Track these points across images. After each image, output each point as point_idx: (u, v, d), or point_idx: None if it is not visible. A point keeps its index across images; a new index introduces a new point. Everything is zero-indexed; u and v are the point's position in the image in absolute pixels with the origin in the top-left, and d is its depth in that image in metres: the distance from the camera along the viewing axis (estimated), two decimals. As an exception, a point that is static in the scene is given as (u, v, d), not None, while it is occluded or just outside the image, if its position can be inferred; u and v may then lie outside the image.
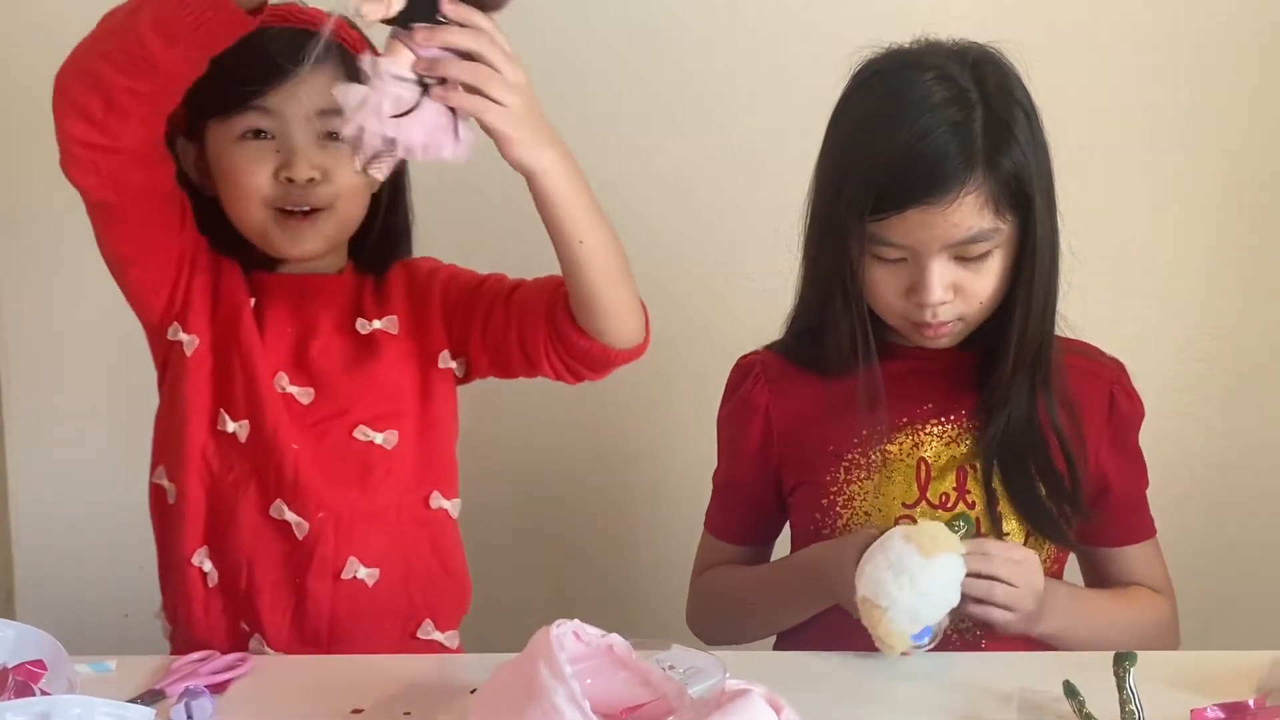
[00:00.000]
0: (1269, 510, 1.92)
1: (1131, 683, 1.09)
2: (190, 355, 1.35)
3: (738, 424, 1.44)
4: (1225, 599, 1.91)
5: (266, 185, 1.30)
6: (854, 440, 1.37)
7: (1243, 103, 1.84)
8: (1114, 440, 1.39)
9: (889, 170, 1.27)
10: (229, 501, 1.34)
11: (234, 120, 1.30)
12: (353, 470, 1.35)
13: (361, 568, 1.35)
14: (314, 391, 1.36)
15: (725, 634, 1.44)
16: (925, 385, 1.38)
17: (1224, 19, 1.82)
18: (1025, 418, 1.34)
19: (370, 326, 1.38)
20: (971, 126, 1.26)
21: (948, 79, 1.28)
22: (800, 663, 1.26)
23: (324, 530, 1.34)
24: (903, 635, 1.18)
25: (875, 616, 1.18)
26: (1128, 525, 1.41)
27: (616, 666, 1.02)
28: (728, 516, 1.48)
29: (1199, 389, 1.89)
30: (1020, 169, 1.28)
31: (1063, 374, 1.37)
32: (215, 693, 1.16)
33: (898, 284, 1.31)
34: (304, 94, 1.28)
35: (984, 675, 1.19)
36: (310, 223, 1.32)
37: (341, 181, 1.31)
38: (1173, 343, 1.88)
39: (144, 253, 1.33)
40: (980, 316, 1.33)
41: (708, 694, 1.02)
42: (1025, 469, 1.34)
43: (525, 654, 0.99)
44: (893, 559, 1.18)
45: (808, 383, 1.39)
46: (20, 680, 1.01)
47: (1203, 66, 1.83)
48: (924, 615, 1.18)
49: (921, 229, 1.27)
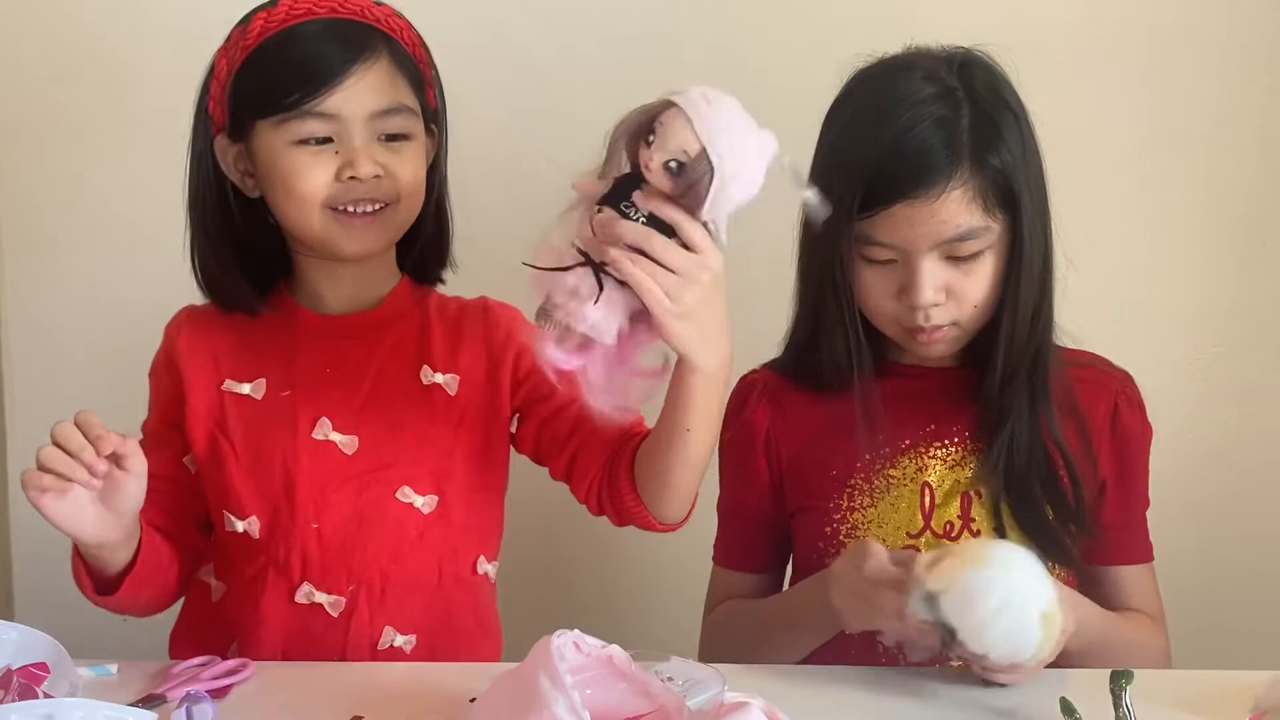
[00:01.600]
0: (1266, 530, 1.92)
1: (1128, 700, 1.09)
2: (195, 471, 1.35)
3: (742, 449, 1.42)
4: (1222, 617, 1.91)
5: (326, 188, 1.26)
6: (856, 464, 1.36)
7: (1243, 114, 1.85)
8: (1115, 453, 1.37)
9: (875, 166, 1.26)
10: (253, 596, 1.31)
11: (288, 126, 1.25)
12: (386, 536, 1.31)
13: (399, 636, 1.32)
14: (358, 441, 1.31)
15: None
16: (927, 406, 1.37)
17: (1225, 31, 1.83)
18: (1027, 435, 1.33)
19: (433, 378, 1.32)
20: (958, 122, 1.26)
21: (935, 79, 1.29)
22: (798, 676, 1.26)
23: (357, 603, 1.30)
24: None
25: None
26: (1123, 544, 1.39)
27: (616, 677, 1.02)
28: (739, 545, 1.45)
29: (1197, 406, 1.89)
30: (1008, 168, 1.27)
31: (1068, 387, 1.35)
32: (216, 698, 1.16)
33: (889, 286, 1.30)
34: (361, 94, 1.25)
35: (981, 691, 1.19)
36: (373, 221, 1.28)
37: (403, 177, 1.28)
38: (1170, 360, 1.88)
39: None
40: (974, 322, 1.31)
41: (707, 706, 1.03)
42: (1031, 491, 1.33)
43: (525, 664, 1.00)
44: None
45: (808, 402, 1.39)
46: (23, 682, 1.02)
47: (1203, 79, 1.84)
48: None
49: (909, 226, 1.26)
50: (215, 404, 1.33)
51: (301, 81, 1.24)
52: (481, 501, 1.36)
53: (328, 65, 1.24)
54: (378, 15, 1.29)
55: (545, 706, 0.94)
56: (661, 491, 1.24)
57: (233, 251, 1.33)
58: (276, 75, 1.25)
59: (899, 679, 1.24)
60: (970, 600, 1.11)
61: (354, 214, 1.27)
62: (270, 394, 1.33)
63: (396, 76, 1.28)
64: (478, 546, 1.36)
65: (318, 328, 1.34)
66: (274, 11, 1.27)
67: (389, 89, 1.27)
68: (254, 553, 1.32)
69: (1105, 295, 1.84)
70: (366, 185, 1.26)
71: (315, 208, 1.27)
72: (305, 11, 1.26)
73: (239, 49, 1.27)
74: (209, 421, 1.33)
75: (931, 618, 1.12)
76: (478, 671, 1.23)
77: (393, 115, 1.27)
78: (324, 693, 1.21)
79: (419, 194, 1.31)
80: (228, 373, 1.34)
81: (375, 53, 1.26)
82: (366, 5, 1.29)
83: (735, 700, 1.00)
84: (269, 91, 1.25)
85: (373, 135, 1.27)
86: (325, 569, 1.30)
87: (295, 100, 1.24)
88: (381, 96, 1.26)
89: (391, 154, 1.27)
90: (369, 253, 1.31)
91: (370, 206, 1.27)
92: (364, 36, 1.27)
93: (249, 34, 1.27)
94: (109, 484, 1.16)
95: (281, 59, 1.25)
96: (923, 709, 1.18)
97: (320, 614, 1.30)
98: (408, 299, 1.37)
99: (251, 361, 1.34)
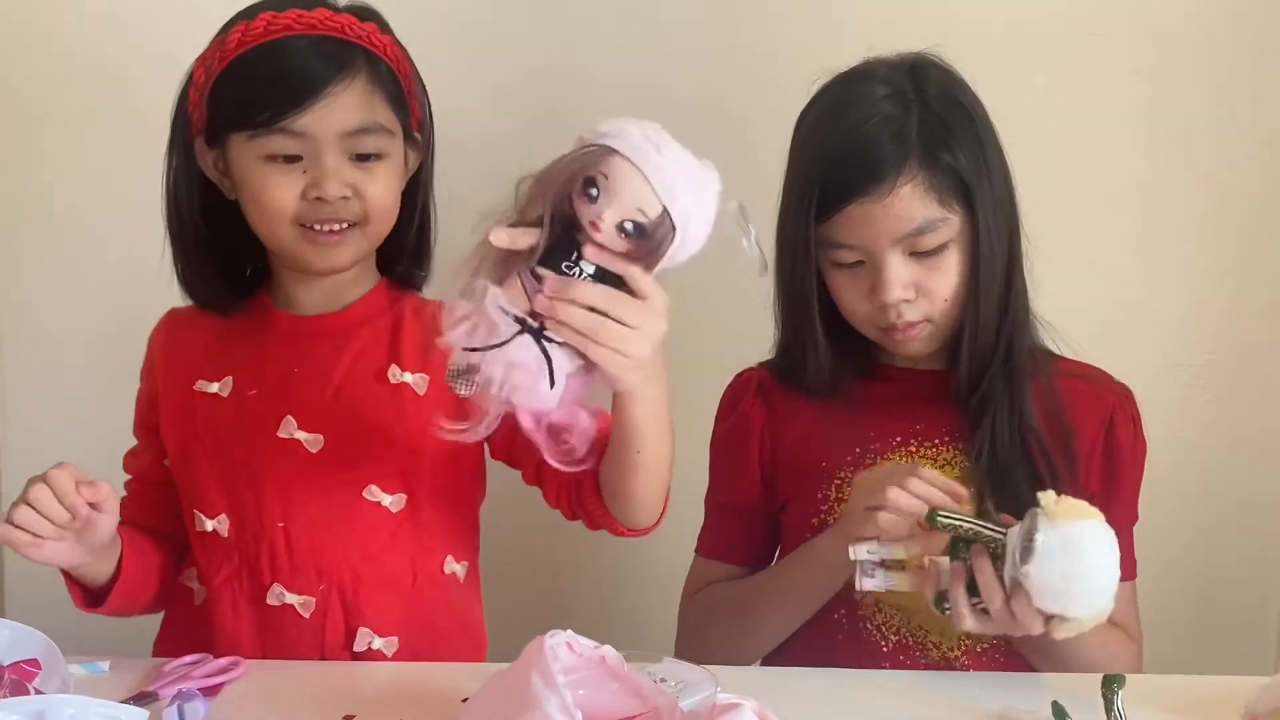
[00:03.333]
0: (1258, 535, 1.93)
1: (1120, 705, 1.09)
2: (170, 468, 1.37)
3: (736, 444, 1.44)
4: (1213, 622, 1.92)
5: (294, 204, 1.26)
6: (846, 458, 1.38)
7: (1242, 118, 1.85)
8: (1106, 467, 1.38)
9: (828, 168, 1.29)
10: (228, 598, 1.32)
11: (259, 141, 1.25)
12: (355, 535, 1.30)
13: (377, 638, 1.31)
14: (324, 439, 1.31)
15: (721, 649, 1.41)
16: (915, 406, 1.38)
17: (1224, 32, 1.83)
18: (1007, 429, 1.34)
19: (401, 377, 1.31)
20: (906, 120, 1.28)
21: (887, 83, 1.31)
22: (790, 678, 1.27)
23: (329, 604, 1.30)
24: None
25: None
26: None
27: (609, 678, 1.03)
28: (726, 537, 1.46)
29: (1189, 413, 1.90)
30: (961, 163, 1.28)
31: (1054, 392, 1.36)
32: (208, 696, 1.17)
33: (859, 287, 1.32)
34: (334, 113, 1.24)
35: (972, 695, 1.19)
36: (341, 239, 1.28)
37: (371, 198, 1.27)
38: (1165, 364, 1.88)
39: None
40: (947, 317, 1.33)
41: (699, 707, 1.03)
42: (1015, 485, 1.33)
43: (518, 663, 1.00)
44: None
45: (800, 399, 1.40)
46: (15, 679, 1.02)
47: (1201, 81, 1.84)
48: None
49: (865, 224, 1.28)
50: (187, 404, 1.34)
51: (273, 99, 1.23)
52: (452, 502, 1.36)
53: (300, 84, 1.23)
54: (360, 33, 1.27)
55: (538, 706, 0.94)
56: (626, 502, 1.22)
57: (207, 253, 1.34)
58: (250, 90, 1.25)
59: (891, 681, 1.24)
60: (1082, 546, 1.12)
61: (321, 231, 1.27)
62: (237, 392, 1.33)
63: (373, 96, 1.27)
64: (447, 547, 1.36)
65: (288, 328, 1.35)
66: (252, 25, 1.25)
67: (363, 109, 1.26)
68: (226, 553, 1.32)
69: (1100, 299, 1.84)
70: (334, 205, 1.26)
71: (284, 223, 1.27)
72: (284, 27, 1.24)
73: (216, 59, 1.26)
74: (181, 421, 1.34)
75: (1020, 545, 1.13)
76: (470, 672, 1.23)
77: (365, 135, 1.26)
78: (316, 692, 1.21)
79: (390, 212, 1.30)
80: (199, 372, 1.35)
81: (352, 72, 1.25)
82: (349, 22, 1.26)
83: (727, 701, 1.01)
84: (242, 106, 1.25)
85: (344, 154, 1.26)
86: (294, 569, 1.30)
87: (266, 118, 1.23)
88: (354, 116, 1.25)
89: (362, 173, 1.27)
90: (337, 269, 1.31)
91: (338, 225, 1.27)
92: (343, 55, 1.25)
93: (227, 45, 1.26)
94: (84, 525, 1.19)
95: (255, 74, 1.24)
96: (914, 711, 1.18)
97: (292, 615, 1.30)
98: (383, 301, 1.37)
99: (222, 361, 1.35)
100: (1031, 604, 1.13)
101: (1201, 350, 1.90)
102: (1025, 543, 1.13)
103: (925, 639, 1.36)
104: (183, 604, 1.38)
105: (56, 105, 1.88)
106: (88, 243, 1.91)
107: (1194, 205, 1.87)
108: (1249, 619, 1.93)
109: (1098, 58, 1.83)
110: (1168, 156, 1.86)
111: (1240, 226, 1.88)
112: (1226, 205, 1.87)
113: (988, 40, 1.36)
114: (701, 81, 1.85)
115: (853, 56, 1.37)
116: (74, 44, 1.86)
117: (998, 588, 1.15)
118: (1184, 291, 1.89)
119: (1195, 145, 1.85)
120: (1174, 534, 1.82)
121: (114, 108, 1.85)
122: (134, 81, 1.83)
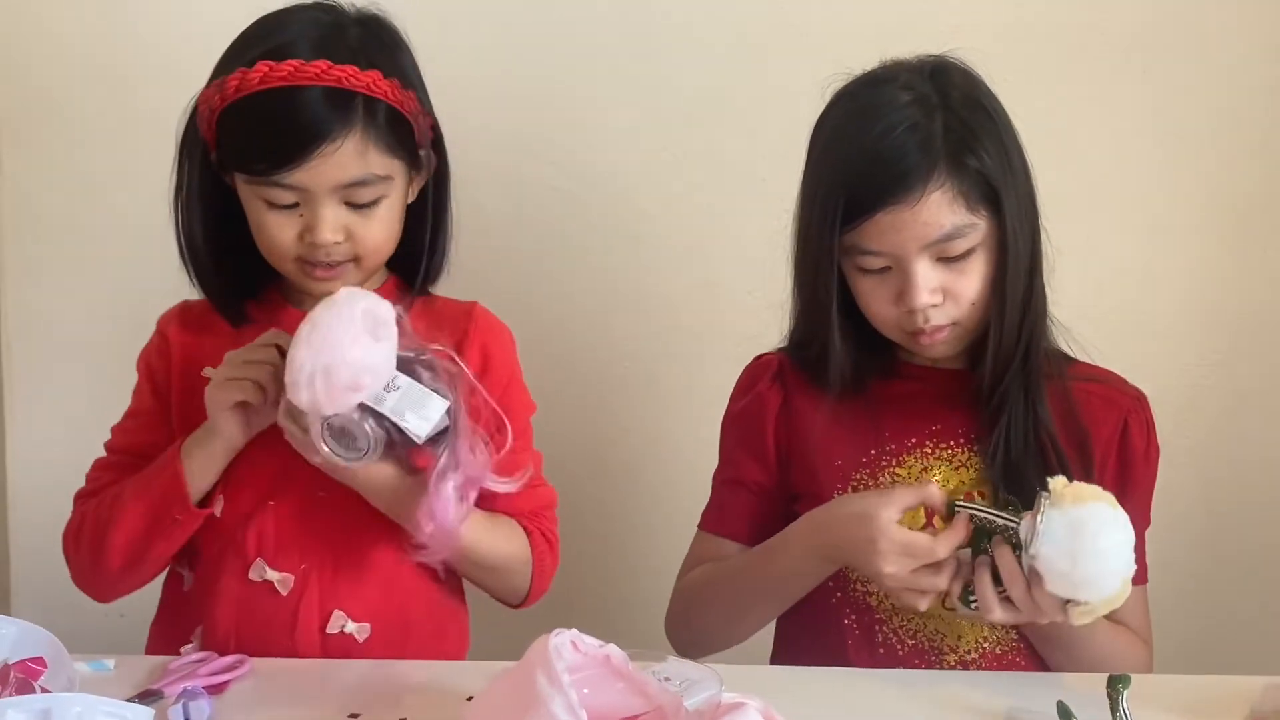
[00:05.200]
0: (1262, 536, 1.92)
1: (1125, 705, 1.09)
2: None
3: (750, 423, 1.43)
4: (1219, 622, 1.92)
5: (293, 245, 1.29)
6: (861, 459, 1.38)
7: (1245, 120, 1.85)
8: (1120, 471, 1.37)
9: (855, 176, 1.28)
10: (213, 575, 1.33)
11: (257, 188, 1.27)
12: (340, 516, 1.31)
13: (350, 622, 1.32)
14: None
15: (709, 628, 1.40)
16: (933, 407, 1.38)
17: (1228, 34, 1.83)
18: (1023, 428, 1.34)
19: None
20: (931, 126, 1.28)
21: (910, 88, 1.31)
22: (795, 677, 1.27)
23: (307, 583, 1.32)
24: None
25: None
26: None
27: (613, 677, 1.02)
28: (731, 512, 1.45)
29: (1195, 412, 1.89)
30: (987, 168, 1.28)
31: (1069, 396, 1.36)
32: (213, 694, 1.17)
33: (886, 293, 1.32)
34: (328, 169, 1.24)
35: (978, 694, 1.19)
36: (337, 274, 1.30)
37: (366, 240, 1.29)
38: (1169, 365, 1.88)
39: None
40: (973, 320, 1.33)
41: (703, 705, 1.03)
42: (1030, 488, 1.30)
43: (523, 662, 1.00)
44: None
45: (817, 392, 1.40)
46: (21, 677, 1.02)
47: (1205, 83, 1.84)
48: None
49: (894, 231, 1.27)
50: (195, 390, 1.34)
51: (268, 153, 1.24)
52: None
53: (294, 141, 1.23)
54: (360, 83, 1.25)
55: (542, 705, 0.94)
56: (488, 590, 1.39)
57: (218, 266, 1.35)
58: (246, 140, 1.25)
59: (897, 680, 1.24)
60: (1089, 528, 1.13)
61: (318, 267, 1.29)
62: None
63: (368, 148, 1.26)
64: None
65: (296, 326, 1.33)
66: (250, 72, 1.23)
67: (357, 162, 1.25)
68: (217, 532, 1.33)
69: (1105, 299, 1.84)
70: (327, 248, 1.28)
71: (286, 260, 1.30)
72: (282, 78, 1.23)
73: (218, 98, 1.26)
74: (193, 412, 1.34)
75: (1030, 529, 1.14)
76: (475, 670, 1.24)
77: (360, 187, 1.27)
78: (321, 690, 1.21)
79: (386, 245, 1.32)
80: (208, 361, 1.34)
81: (348, 126, 1.24)
82: (349, 74, 1.24)
83: (732, 700, 1.00)
84: (239, 153, 1.27)
85: (339, 202, 1.27)
86: (280, 546, 1.32)
87: (261, 169, 1.25)
88: (348, 171, 1.25)
89: (359, 218, 1.28)
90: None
91: (333, 264, 1.29)
92: (340, 107, 1.24)
93: (226, 88, 1.25)
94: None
95: (251, 125, 1.24)
96: (920, 710, 1.18)
97: (270, 592, 1.31)
98: (390, 300, 1.35)
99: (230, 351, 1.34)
100: (1053, 586, 1.14)
101: (1210, 350, 1.90)
102: (1033, 527, 1.14)
103: (941, 643, 1.36)
104: (174, 590, 1.39)
105: (67, 101, 1.88)
106: (95, 241, 1.91)
107: (1202, 204, 1.87)
108: (1254, 619, 1.92)
109: (1105, 58, 1.83)
110: (1175, 156, 1.86)
111: (1248, 225, 1.88)
112: (1234, 204, 1.87)
113: (994, 41, 1.36)
114: (710, 74, 1.85)
115: (860, 52, 1.37)
116: (84, 42, 1.87)
117: (1019, 575, 1.16)
118: (1192, 291, 1.89)
119: (1203, 145, 1.85)
120: (1180, 533, 1.82)
121: (126, 103, 1.86)
122: (147, 78, 1.83)
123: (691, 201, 1.89)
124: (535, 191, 1.88)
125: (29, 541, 1.97)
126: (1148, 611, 1.40)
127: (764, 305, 1.46)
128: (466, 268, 1.43)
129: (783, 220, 1.40)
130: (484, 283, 1.49)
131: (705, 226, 1.89)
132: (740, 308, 1.83)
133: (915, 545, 1.21)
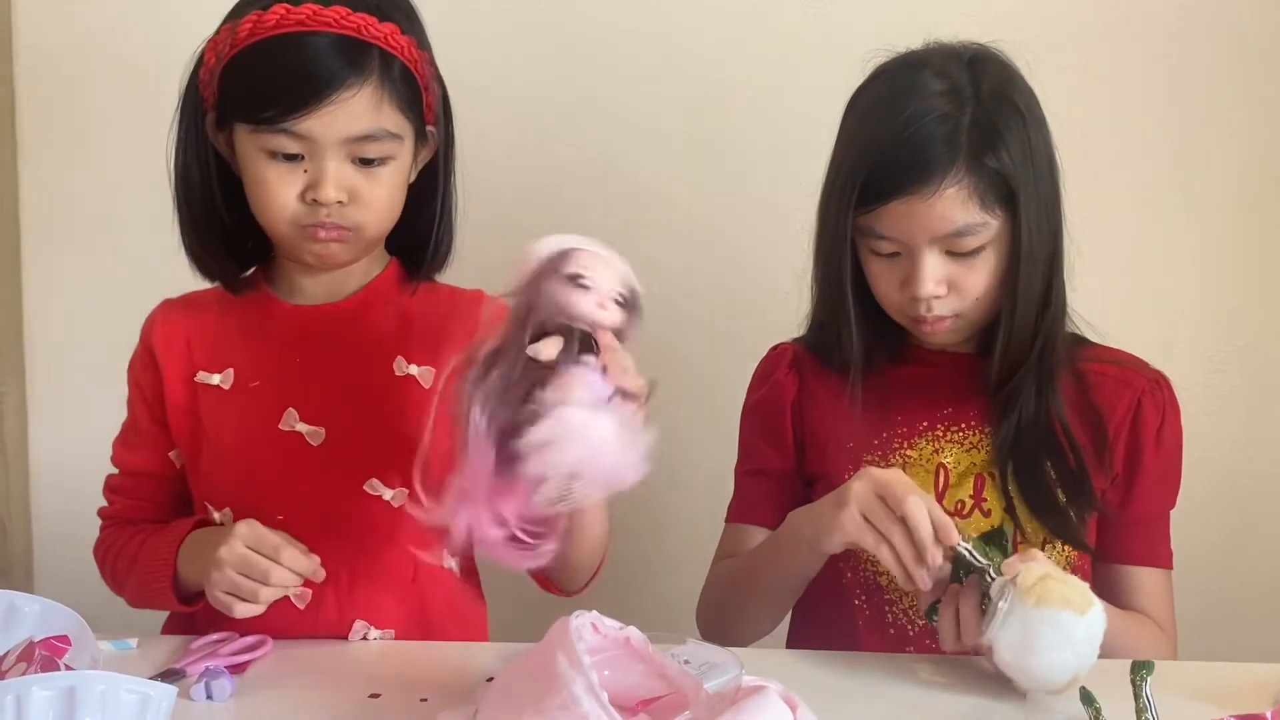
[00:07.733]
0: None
1: (1148, 691, 1.09)
2: (180, 466, 1.37)
3: (769, 412, 1.44)
4: (1243, 610, 1.91)
5: (293, 204, 1.24)
6: (874, 441, 1.38)
7: (1272, 110, 1.84)
8: (1131, 449, 1.37)
9: (877, 160, 1.28)
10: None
11: (262, 136, 1.22)
12: (353, 529, 1.29)
13: (372, 629, 1.31)
14: (325, 433, 1.30)
15: (729, 617, 1.41)
16: (945, 390, 1.38)
17: (1254, 25, 1.82)
18: (1034, 420, 1.34)
19: (407, 370, 1.31)
20: (959, 120, 1.27)
21: (944, 76, 1.30)
22: (815, 662, 1.26)
23: (324, 596, 1.29)
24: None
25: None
26: (1138, 544, 1.38)
27: (633, 659, 1.02)
28: (756, 501, 1.45)
29: (1217, 400, 1.88)
30: (1007, 168, 1.27)
31: (1083, 380, 1.36)
32: (234, 673, 1.17)
33: (894, 277, 1.32)
34: (339, 119, 1.20)
35: (999, 679, 1.19)
36: (338, 242, 1.26)
37: (371, 202, 1.25)
38: (1191, 354, 1.87)
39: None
40: (976, 313, 1.33)
41: (723, 689, 1.03)
42: (1041, 472, 1.33)
43: (543, 644, 1.00)
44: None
45: (832, 377, 1.40)
46: (45, 655, 1.02)
47: (1231, 73, 1.83)
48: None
49: (907, 220, 1.27)
50: (190, 396, 1.34)
51: (278, 98, 1.20)
52: None
53: (307, 86, 1.19)
54: (377, 33, 1.22)
55: (563, 686, 0.94)
56: (571, 572, 1.29)
57: (214, 226, 1.31)
58: (256, 85, 1.21)
59: (915, 665, 1.24)
60: (1041, 636, 1.11)
61: (318, 233, 1.25)
62: (239, 384, 1.32)
63: (382, 101, 1.22)
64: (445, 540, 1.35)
65: (288, 318, 1.34)
66: (265, 15, 1.20)
67: (370, 114, 1.22)
68: None
69: (1129, 289, 1.83)
70: (330, 209, 1.23)
71: (283, 221, 1.26)
72: (298, 22, 1.19)
73: (227, 44, 1.22)
74: (186, 413, 1.34)
75: (992, 610, 1.13)
76: (495, 651, 1.24)
77: (370, 142, 1.23)
78: (342, 670, 1.22)
79: (390, 214, 1.28)
80: (200, 364, 1.34)
81: (362, 76, 1.21)
82: (367, 22, 1.21)
83: (752, 684, 1.00)
84: (247, 100, 1.22)
85: (346, 157, 1.23)
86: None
87: (270, 116, 1.21)
88: (360, 123, 1.21)
89: (364, 177, 1.24)
90: (335, 267, 1.30)
91: (334, 229, 1.25)
92: (355, 57, 1.21)
93: (238, 32, 1.21)
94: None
95: (263, 69, 1.21)
96: (940, 694, 1.18)
97: (288, 607, 1.26)
98: (389, 288, 1.35)
99: (221, 351, 1.34)
100: (996, 661, 1.14)
101: (1227, 338, 1.89)
102: (994, 603, 1.13)
103: (953, 625, 1.35)
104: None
105: (86, 103, 1.89)
106: (116, 240, 1.92)
107: (1226, 193, 1.85)
108: (1277, 606, 1.91)
109: (1121, 47, 1.82)
110: (1192, 147, 1.85)
111: (1272, 214, 1.86)
112: (1258, 192, 1.85)
113: (1011, 33, 1.35)
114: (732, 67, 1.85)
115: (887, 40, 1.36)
116: (102, 42, 1.88)
117: (975, 628, 1.15)
118: (1208, 279, 1.88)
119: (1219, 135, 1.84)
120: (1202, 520, 1.81)
121: (144, 104, 1.86)
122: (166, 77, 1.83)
123: (718, 199, 1.88)
124: (546, 180, 1.88)
125: (53, 526, 1.99)
126: (1171, 600, 1.39)
127: (784, 299, 1.45)
128: (470, 259, 1.40)
129: (806, 214, 1.40)
130: (494, 274, 1.48)
131: (724, 216, 1.89)
132: (760, 300, 1.82)
133: (891, 480, 1.19)
